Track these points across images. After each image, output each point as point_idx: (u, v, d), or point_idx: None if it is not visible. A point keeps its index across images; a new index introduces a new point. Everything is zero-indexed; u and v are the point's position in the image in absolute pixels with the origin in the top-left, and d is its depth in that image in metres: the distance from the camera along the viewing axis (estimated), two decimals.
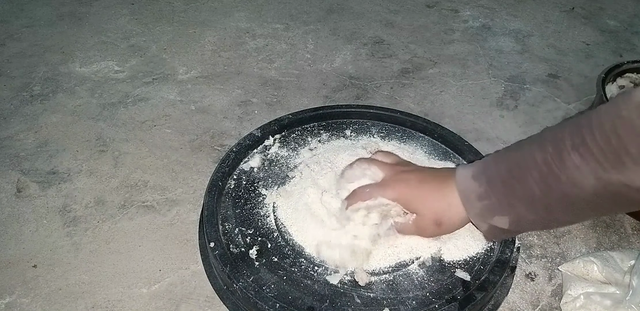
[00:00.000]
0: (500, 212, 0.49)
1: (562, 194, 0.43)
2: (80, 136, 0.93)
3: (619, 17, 1.34)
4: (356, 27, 1.26)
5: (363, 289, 0.55)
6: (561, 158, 0.42)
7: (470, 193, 0.50)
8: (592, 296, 0.63)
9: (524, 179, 0.46)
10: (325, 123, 0.77)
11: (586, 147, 0.41)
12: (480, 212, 0.50)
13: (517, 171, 0.47)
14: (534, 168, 0.45)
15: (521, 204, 0.47)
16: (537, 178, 0.45)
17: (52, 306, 0.67)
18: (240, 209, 0.64)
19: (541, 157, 0.44)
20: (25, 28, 1.22)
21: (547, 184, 0.44)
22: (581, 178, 0.41)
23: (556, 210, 0.46)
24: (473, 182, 0.50)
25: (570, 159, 0.42)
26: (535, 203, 0.46)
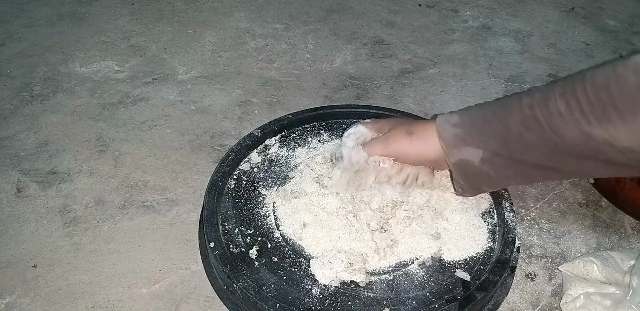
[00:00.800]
0: (474, 142, 0.47)
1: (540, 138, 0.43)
2: (80, 136, 0.93)
3: (619, 17, 1.34)
4: (356, 27, 1.26)
5: (363, 289, 0.55)
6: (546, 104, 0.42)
7: (446, 121, 0.50)
8: (592, 296, 0.63)
9: (504, 118, 0.45)
10: (325, 123, 0.77)
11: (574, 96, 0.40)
12: (452, 137, 0.49)
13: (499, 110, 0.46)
14: (517, 109, 0.44)
15: (497, 139, 0.46)
16: (517, 118, 0.44)
17: (52, 306, 0.67)
18: (240, 209, 0.64)
19: (527, 101, 0.44)
20: (25, 28, 1.22)
21: (527, 127, 0.43)
22: (563, 126, 0.41)
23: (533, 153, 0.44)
24: (453, 114, 0.51)
25: (555, 105, 0.41)
26: (512, 141, 0.45)
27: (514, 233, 0.60)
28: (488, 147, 0.46)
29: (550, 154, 0.43)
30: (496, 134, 0.46)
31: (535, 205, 0.81)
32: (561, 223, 0.79)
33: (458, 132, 0.48)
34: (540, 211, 0.80)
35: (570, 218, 0.79)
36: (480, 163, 0.47)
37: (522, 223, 0.78)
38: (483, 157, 0.47)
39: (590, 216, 0.80)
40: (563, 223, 0.78)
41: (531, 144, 0.43)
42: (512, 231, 0.60)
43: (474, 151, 0.47)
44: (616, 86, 0.38)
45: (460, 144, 0.48)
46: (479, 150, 0.47)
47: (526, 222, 0.78)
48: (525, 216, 0.79)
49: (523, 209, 0.80)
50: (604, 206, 0.81)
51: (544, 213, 0.80)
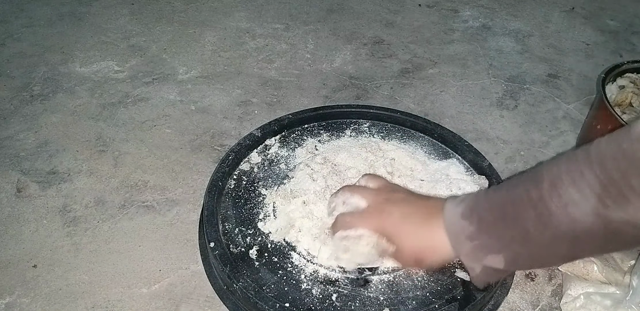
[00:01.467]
0: (494, 251, 0.45)
1: (559, 232, 0.41)
2: (80, 136, 0.93)
3: (619, 17, 1.34)
4: (356, 27, 1.26)
5: (363, 289, 0.55)
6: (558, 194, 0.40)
7: (459, 233, 0.47)
8: (592, 296, 0.63)
9: (517, 217, 0.43)
10: (325, 123, 0.77)
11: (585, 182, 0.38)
12: (472, 252, 0.47)
13: (510, 208, 0.44)
14: (529, 205, 0.42)
15: (516, 244, 0.44)
16: (532, 216, 0.42)
17: (52, 306, 0.67)
18: (240, 209, 0.64)
19: (536, 193, 0.41)
20: (25, 28, 1.22)
21: (543, 223, 0.41)
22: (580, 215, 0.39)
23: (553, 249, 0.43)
24: (462, 221, 0.47)
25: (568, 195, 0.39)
26: (531, 242, 0.43)
27: None
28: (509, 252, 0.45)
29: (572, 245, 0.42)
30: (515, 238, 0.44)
31: None
32: None
33: (477, 244, 0.46)
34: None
35: None
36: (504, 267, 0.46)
37: None
38: (506, 261, 0.45)
39: None
40: None
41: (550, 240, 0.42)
42: None
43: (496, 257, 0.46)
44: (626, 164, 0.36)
45: (482, 256, 0.46)
46: (500, 256, 0.45)
47: None
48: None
49: None
50: None
51: None
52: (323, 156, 0.69)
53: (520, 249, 0.44)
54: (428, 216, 0.51)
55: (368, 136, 0.75)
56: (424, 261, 0.51)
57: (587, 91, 1.07)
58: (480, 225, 0.46)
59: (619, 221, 0.37)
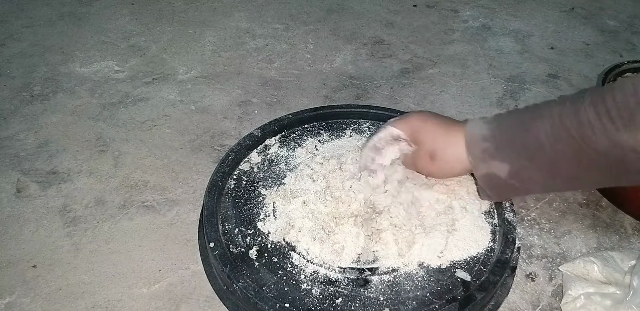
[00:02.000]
0: (501, 157, 0.48)
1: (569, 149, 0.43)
2: (80, 136, 0.93)
3: (619, 17, 1.34)
4: (356, 27, 1.26)
5: (363, 289, 0.55)
6: (576, 112, 0.42)
7: (476, 133, 0.50)
8: (593, 297, 0.63)
9: (534, 128, 0.46)
10: (325, 123, 0.77)
11: (603, 104, 0.41)
12: (481, 152, 0.49)
13: (529, 120, 0.46)
14: (548, 119, 0.45)
15: (526, 152, 0.46)
16: (547, 129, 0.44)
17: (52, 306, 0.67)
18: (240, 209, 0.64)
19: (557, 110, 0.44)
20: (25, 28, 1.22)
21: (556, 137, 0.44)
22: (591, 134, 0.41)
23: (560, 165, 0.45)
24: (482, 124, 0.50)
25: (585, 114, 0.42)
26: (540, 154, 0.45)
27: (514, 233, 0.59)
28: (516, 161, 0.47)
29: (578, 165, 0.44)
30: (525, 146, 0.46)
31: (535, 205, 0.81)
32: (561, 223, 0.78)
33: (487, 146, 0.49)
34: (541, 211, 0.80)
35: (570, 218, 0.79)
36: (506, 176, 0.48)
37: (523, 223, 0.78)
38: (510, 170, 0.48)
39: (590, 216, 0.80)
40: (563, 223, 0.78)
41: (560, 155, 0.44)
42: (513, 231, 0.60)
43: (501, 165, 0.48)
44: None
45: (488, 159, 0.49)
46: (506, 164, 0.48)
47: (526, 222, 0.78)
48: (526, 216, 0.79)
49: (523, 210, 0.80)
50: (604, 206, 0.81)
51: (544, 213, 0.80)
52: (323, 156, 0.69)
53: (527, 162, 0.46)
54: (454, 121, 0.54)
55: (368, 136, 0.75)
56: (436, 156, 0.53)
57: None
58: (498, 130, 0.48)
59: (627, 146, 0.40)
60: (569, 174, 0.46)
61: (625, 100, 0.39)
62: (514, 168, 0.47)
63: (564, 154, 0.44)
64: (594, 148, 0.41)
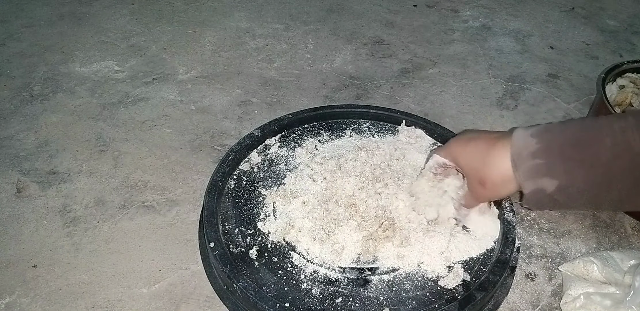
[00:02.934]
0: (552, 174, 0.45)
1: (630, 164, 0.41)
2: (80, 136, 0.93)
3: (619, 17, 1.34)
4: (356, 27, 1.26)
5: (363, 289, 0.55)
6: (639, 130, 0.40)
7: (524, 149, 0.47)
8: (592, 297, 0.63)
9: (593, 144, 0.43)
10: (325, 123, 0.77)
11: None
12: (530, 170, 0.46)
13: (586, 135, 0.44)
14: (609, 134, 0.42)
15: (580, 168, 0.44)
16: (608, 144, 0.42)
17: (52, 306, 0.67)
18: (240, 209, 0.64)
19: (619, 125, 0.42)
20: (25, 28, 1.22)
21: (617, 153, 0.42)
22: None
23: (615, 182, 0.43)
24: (531, 139, 0.47)
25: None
26: (596, 170, 0.43)
27: (514, 233, 0.60)
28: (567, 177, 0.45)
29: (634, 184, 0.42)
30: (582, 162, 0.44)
31: None
32: (561, 223, 0.79)
33: (537, 163, 0.46)
34: (540, 211, 0.80)
35: (570, 218, 0.79)
36: (554, 192, 0.46)
37: (522, 223, 0.78)
38: (559, 186, 0.45)
39: (590, 216, 0.80)
40: (563, 223, 0.78)
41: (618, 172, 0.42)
42: (512, 231, 0.60)
43: (551, 181, 0.46)
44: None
45: (538, 176, 0.46)
46: (557, 181, 0.45)
47: (526, 222, 0.78)
48: (525, 216, 0.79)
49: (523, 209, 0.80)
50: None
51: (544, 213, 0.80)
52: (323, 156, 0.69)
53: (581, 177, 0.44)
54: (494, 139, 0.51)
55: (368, 136, 0.75)
56: (486, 182, 0.51)
57: (587, 91, 1.07)
58: (548, 145, 0.46)
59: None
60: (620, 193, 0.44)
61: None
62: (563, 184, 0.45)
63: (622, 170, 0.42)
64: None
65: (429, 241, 0.58)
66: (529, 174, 0.46)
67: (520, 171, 0.47)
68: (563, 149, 0.45)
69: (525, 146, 0.47)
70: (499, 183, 0.50)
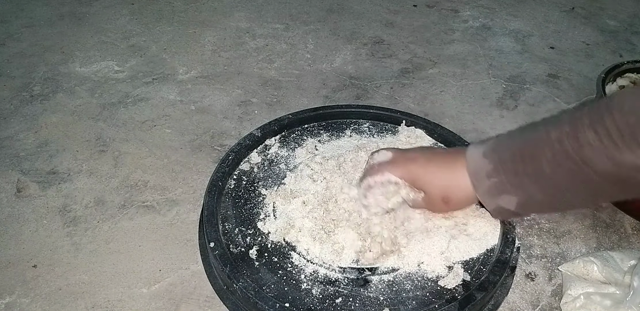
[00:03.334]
0: (508, 191, 0.47)
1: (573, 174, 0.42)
2: (80, 136, 0.93)
3: (619, 17, 1.34)
4: (356, 27, 1.26)
5: (363, 289, 0.55)
6: (576, 136, 0.42)
7: (479, 170, 0.49)
8: (592, 297, 0.63)
9: (535, 157, 0.45)
10: (325, 123, 0.77)
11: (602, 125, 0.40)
12: (488, 190, 0.49)
13: (529, 149, 0.46)
14: (547, 145, 0.44)
15: (530, 183, 0.46)
16: (548, 156, 0.43)
17: (52, 306, 0.67)
18: (240, 209, 0.64)
19: (556, 135, 0.43)
20: (25, 28, 1.22)
21: (559, 163, 0.43)
22: (593, 156, 0.41)
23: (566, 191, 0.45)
24: (483, 159, 0.49)
25: (585, 136, 0.41)
26: (545, 183, 0.45)
27: (514, 233, 0.59)
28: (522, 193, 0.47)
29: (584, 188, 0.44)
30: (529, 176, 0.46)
31: None
32: (561, 223, 0.79)
33: (493, 182, 0.48)
34: None
35: (570, 218, 0.79)
36: (515, 208, 0.49)
37: (522, 223, 0.78)
38: (518, 202, 0.48)
39: (590, 216, 0.80)
40: (563, 223, 0.78)
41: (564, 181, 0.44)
42: (512, 231, 0.60)
43: (510, 198, 0.48)
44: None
45: (496, 194, 0.49)
46: (514, 197, 0.48)
47: (526, 222, 0.78)
48: (525, 216, 0.79)
49: None
50: (604, 206, 0.81)
51: None
52: (323, 156, 0.69)
53: (534, 192, 0.46)
54: (451, 158, 0.53)
55: (368, 136, 0.75)
56: (451, 200, 0.53)
57: (587, 91, 1.07)
58: (499, 164, 0.48)
59: (630, 166, 0.39)
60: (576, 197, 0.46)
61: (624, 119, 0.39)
62: (522, 199, 0.47)
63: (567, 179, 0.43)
64: (597, 170, 0.41)
65: (429, 241, 0.58)
66: (488, 193, 0.49)
67: (479, 191, 0.50)
68: (511, 166, 0.47)
69: (480, 166, 0.49)
70: (463, 200, 0.53)
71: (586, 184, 0.43)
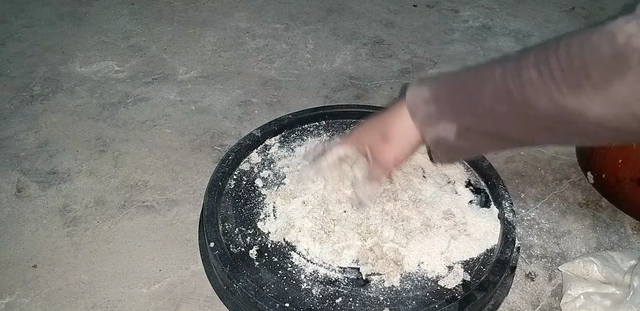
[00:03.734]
0: (447, 118, 0.46)
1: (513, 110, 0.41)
2: (80, 136, 0.93)
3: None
4: (356, 27, 1.26)
5: (363, 289, 0.55)
6: (519, 73, 0.40)
7: (417, 97, 0.48)
8: (592, 296, 0.63)
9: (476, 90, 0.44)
10: (325, 123, 0.77)
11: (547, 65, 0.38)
12: (426, 116, 0.47)
13: (470, 81, 0.45)
14: (489, 79, 0.43)
15: (469, 113, 0.44)
16: (490, 89, 0.42)
17: (52, 306, 0.67)
18: (240, 209, 0.64)
19: (499, 71, 0.42)
20: (25, 28, 1.22)
21: (499, 98, 0.42)
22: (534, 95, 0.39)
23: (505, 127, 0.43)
24: (422, 88, 0.48)
25: (527, 74, 0.40)
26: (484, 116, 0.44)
27: (514, 233, 0.59)
28: (461, 122, 0.45)
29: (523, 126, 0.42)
30: (469, 108, 0.44)
31: (535, 205, 0.81)
32: (561, 223, 0.79)
33: (431, 109, 0.47)
34: (540, 211, 0.80)
35: (570, 218, 0.79)
36: (454, 138, 0.47)
37: (522, 223, 0.78)
38: (457, 132, 0.46)
39: (590, 216, 0.80)
40: (563, 223, 0.78)
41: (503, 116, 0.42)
42: (512, 231, 0.60)
43: (448, 126, 0.46)
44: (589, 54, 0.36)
45: (434, 122, 0.47)
46: (453, 125, 0.46)
47: (526, 222, 0.78)
48: (525, 216, 0.79)
49: (523, 209, 0.80)
50: (604, 206, 0.81)
51: (544, 213, 0.80)
52: None
53: (473, 122, 0.45)
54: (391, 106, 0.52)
55: None
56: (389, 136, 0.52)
57: None
58: (438, 92, 0.47)
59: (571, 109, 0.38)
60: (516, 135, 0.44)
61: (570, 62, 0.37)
62: (461, 128, 0.46)
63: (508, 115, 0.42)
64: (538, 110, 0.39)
65: (429, 241, 0.58)
66: (426, 120, 0.47)
67: (417, 118, 0.48)
68: (452, 95, 0.46)
69: (419, 94, 0.48)
70: (402, 134, 0.51)
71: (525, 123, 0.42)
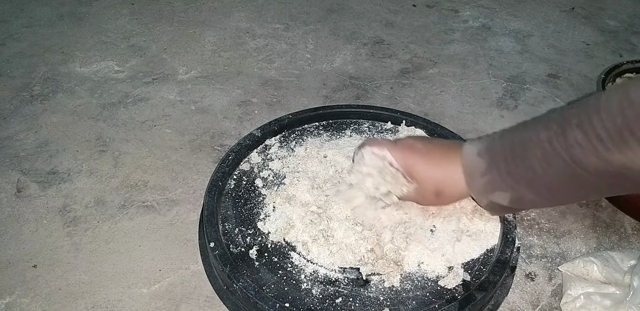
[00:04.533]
0: (501, 188, 0.49)
1: (563, 173, 0.44)
2: (80, 136, 0.93)
3: (619, 17, 1.34)
4: (356, 27, 1.26)
5: (363, 289, 0.55)
6: (565, 135, 0.43)
7: (474, 168, 0.51)
8: (592, 297, 0.63)
9: (526, 157, 0.46)
10: (325, 123, 0.77)
11: (591, 125, 0.41)
12: (481, 188, 0.51)
13: (520, 148, 0.47)
14: (537, 145, 0.45)
15: (522, 181, 0.47)
16: (539, 155, 0.45)
17: (52, 306, 0.67)
18: (240, 209, 0.64)
19: (545, 135, 0.45)
20: (25, 28, 1.22)
21: (549, 163, 0.44)
22: (582, 156, 0.41)
23: (557, 189, 0.46)
24: (478, 158, 0.50)
25: (573, 136, 0.42)
26: (536, 182, 0.46)
27: (514, 233, 0.59)
28: (515, 190, 0.48)
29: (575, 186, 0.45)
30: (521, 175, 0.47)
31: None
32: (561, 223, 0.79)
33: (486, 180, 0.50)
34: (540, 211, 0.80)
35: (570, 218, 0.79)
36: (508, 203, 0.50)
37: (522, 223, 0.78)
38: (511, 199, 0.49)
39: (590, 216, 0.80)
40: (563, 223, 0.78)
41: (555, 179, 0.45)
42: (512, 231, 0.60)
43: (503, 194, 0.50)
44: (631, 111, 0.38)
45: (490, 191, 0.50)
46: (507, 193, 0.49)
47: (526, 222, 0.78)
48: (525, 216, 0.79)
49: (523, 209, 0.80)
50: (604, 206, 0.81)
51: (544, 213, 0.80)
52: (323, 156, 0.69)
53: (525, 190, 0.48)
54: (448, 153, 0.54)
55: (368, 136, 0.75)
56: (442, 194, 0.55)
57: (587, 91, 1.07)
58: (491, 163, 0.49)
59: (619, 164, 0.40)
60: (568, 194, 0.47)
61: (612, 120, 0.39)
62: (514, 196, 0.49)
63: (558, 177, 0.45)
64: (586, 168, 0.42)
65: (429, 242, 0.58)
66: (482, 191, 0.51)
67: (473, 189, 0.52)
68: (504, 165, 0.48)
69: (475, 165, 0.51)
70: (455, 195, 0.55)
71: (576, 181, 0.44)
